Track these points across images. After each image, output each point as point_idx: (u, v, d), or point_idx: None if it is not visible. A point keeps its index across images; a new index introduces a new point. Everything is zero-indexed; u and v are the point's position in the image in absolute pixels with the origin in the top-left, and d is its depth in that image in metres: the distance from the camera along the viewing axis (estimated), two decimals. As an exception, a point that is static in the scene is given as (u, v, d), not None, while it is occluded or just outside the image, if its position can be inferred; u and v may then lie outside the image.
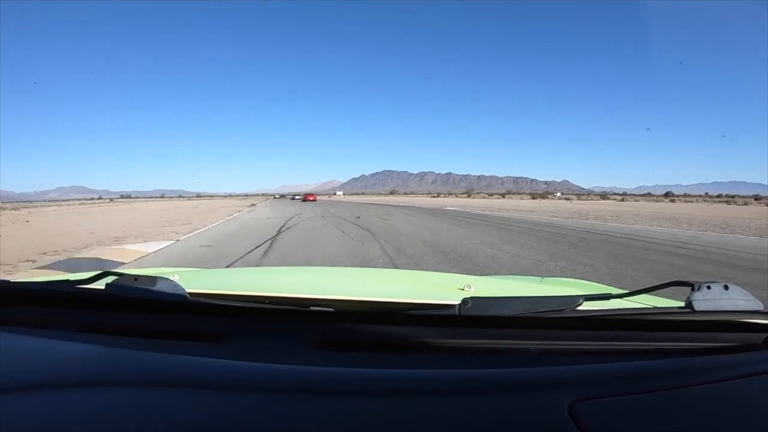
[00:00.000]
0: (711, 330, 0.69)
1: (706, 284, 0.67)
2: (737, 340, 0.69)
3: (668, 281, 0.74)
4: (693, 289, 0.67)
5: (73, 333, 0.74)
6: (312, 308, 0.74)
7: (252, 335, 0.72)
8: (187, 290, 0.74)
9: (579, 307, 0.70)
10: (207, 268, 4.42)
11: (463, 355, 0.68)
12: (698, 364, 0.64)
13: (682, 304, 0.68)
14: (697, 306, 0.65)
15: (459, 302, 0.69)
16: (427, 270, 4.85)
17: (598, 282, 1.58)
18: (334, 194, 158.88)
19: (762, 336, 0.69)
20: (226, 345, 0.69)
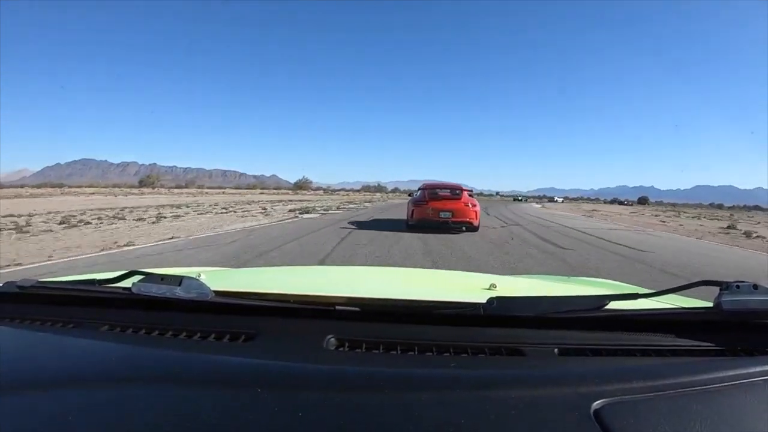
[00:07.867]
0: (740, 330, 0.70)
1: (735, 284, 0.67)
2: (767, 341, 0.69)
3: (696, 281, 0.74)
4: (722, 289, 0.67)
5: (99, 332, 0.74)
6: (337, 307, 0.74)
7: (277, 334, 0.71)
8: (213, 289, 0.74)
9: (605, 307, 0.70)
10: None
11: (488, 354, 0.67)
12: (727, 364, 0.62)
13: (710, 304, 0.68)
14: (726, 306, 0.65)
15: (484, 301, 0.69)
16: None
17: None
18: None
19: None
20: (251, 344, 0.69)
